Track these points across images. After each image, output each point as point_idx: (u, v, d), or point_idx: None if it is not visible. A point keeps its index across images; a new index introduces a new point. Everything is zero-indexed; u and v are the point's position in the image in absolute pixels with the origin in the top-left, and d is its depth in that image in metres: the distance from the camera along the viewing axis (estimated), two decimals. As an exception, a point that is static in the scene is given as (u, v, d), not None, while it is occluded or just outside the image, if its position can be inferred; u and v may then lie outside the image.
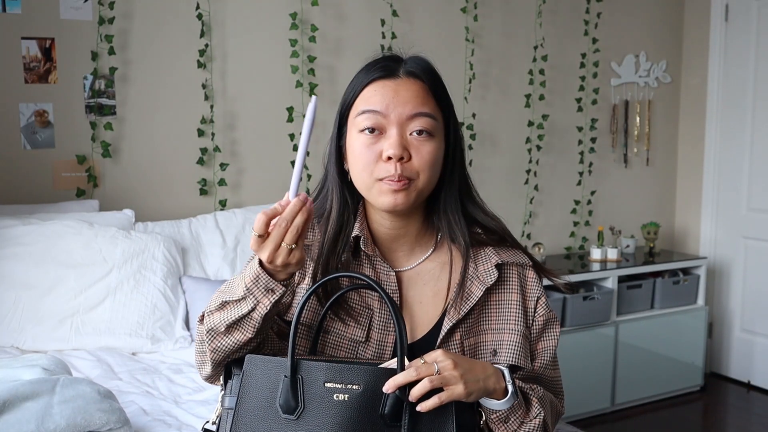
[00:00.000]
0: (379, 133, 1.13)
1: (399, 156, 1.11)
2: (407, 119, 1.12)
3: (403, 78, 1.14)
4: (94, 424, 1.49)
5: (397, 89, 1.13)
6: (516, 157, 3.71)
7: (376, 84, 1.14)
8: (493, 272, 1.20)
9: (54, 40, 2.71)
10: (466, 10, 3.45)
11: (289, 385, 1.02)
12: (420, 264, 1.23)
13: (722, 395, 3.88)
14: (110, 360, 2.27)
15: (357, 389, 1.01)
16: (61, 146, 2.76)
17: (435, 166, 1.15)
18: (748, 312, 3.95)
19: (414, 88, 1.14)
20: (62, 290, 2.38)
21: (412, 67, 1.16)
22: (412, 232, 1.22)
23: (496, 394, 1.08)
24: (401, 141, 1.11)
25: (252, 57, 3.05)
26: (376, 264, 1.21)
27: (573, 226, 3.94)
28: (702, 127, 4.11)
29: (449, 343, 1.18)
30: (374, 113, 1.12)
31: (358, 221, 1.21)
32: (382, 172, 1.12)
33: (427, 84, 1.15)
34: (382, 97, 1.13)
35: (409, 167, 1.12)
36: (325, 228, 1.20)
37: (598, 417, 3.52)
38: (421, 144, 1.13)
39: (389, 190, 1.12)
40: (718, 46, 3.98)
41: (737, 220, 3.97)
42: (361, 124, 1.13)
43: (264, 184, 3.12)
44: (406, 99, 1.12)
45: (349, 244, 1.20)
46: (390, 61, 1.17)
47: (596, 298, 3.47)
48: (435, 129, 1.14)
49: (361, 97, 1.15)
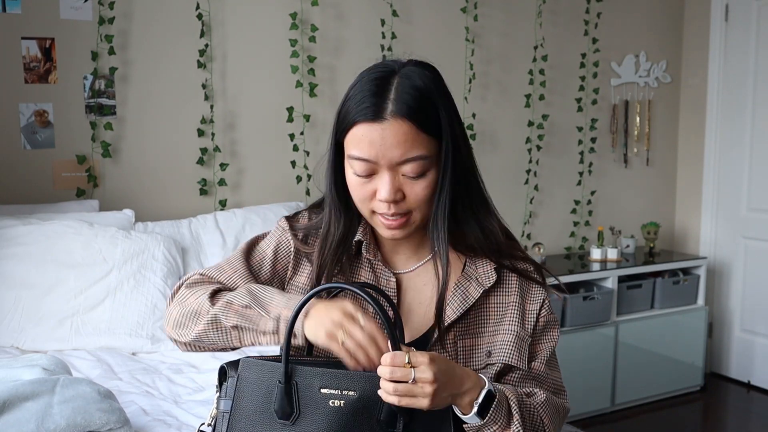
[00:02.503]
0: (372, 174, 1.12)
1: (392, 200, 1.12)
2: (397, 164, 1.11)
3: (390, 120, 1.09)
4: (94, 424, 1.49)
5: (383, 134, 1.09)
6: (516, 157, 3.71)
7: (363, 126, 1.11)
8: (491, 274, 1.21)
9: (54, 40, 2.71)
10: (466, 10, 3.45)
11: (283, 391, 1.02)
12: (422, 266, 1.24)
13: (722, 395, 3.88)
14: (110, 360, 2.27)
15: (353, 395, 1.01)
16: (61, 146, 2.76)
17: (430, 198, 1.15)
18: (748, 312, 3.95)
19: (402, 131, 1.09)
20: (62, 290, 2.38)
21: (398, 107, 1.10)
22: (415, 237, 1.23)
23: (462, 408, 1.07)
24: (393, 185, 1.11)
25: (252, 57, 3.05)
26: (377, 268, 1.23)
27: (573, 226, 3.94)
28: (702, 127, 4.11)
29: (444, 342, 1.18)
30: (365, 161, 1.11)
31: (361, 225, 1.22)
32: (378, 208, 1.14)
33: (415, 122, 1.10)
34: (370, 144, 1.10)
35: (404, 205, 1.13)
36: (326, 234, 1.21)
37: (598, 417, 3.52)
38: (415, 183, 1.12)
39: (386, 226, 1.15)
40: (718, 46, 3.98)
41: (737, 220, 3.97)
42: (354, 167, 1.13)
43: (264, 184, 3.12)
44: (394, 144, 1.10)
45: (350, 248, 1.22)
46: (377, 98, 1.11)
47: (596, 298, 3.47)
48: (428, 165, 1.13)
49: (351, 135, 1.13)
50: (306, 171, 3.15)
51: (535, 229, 3.81)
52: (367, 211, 1.16)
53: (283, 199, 3.11)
